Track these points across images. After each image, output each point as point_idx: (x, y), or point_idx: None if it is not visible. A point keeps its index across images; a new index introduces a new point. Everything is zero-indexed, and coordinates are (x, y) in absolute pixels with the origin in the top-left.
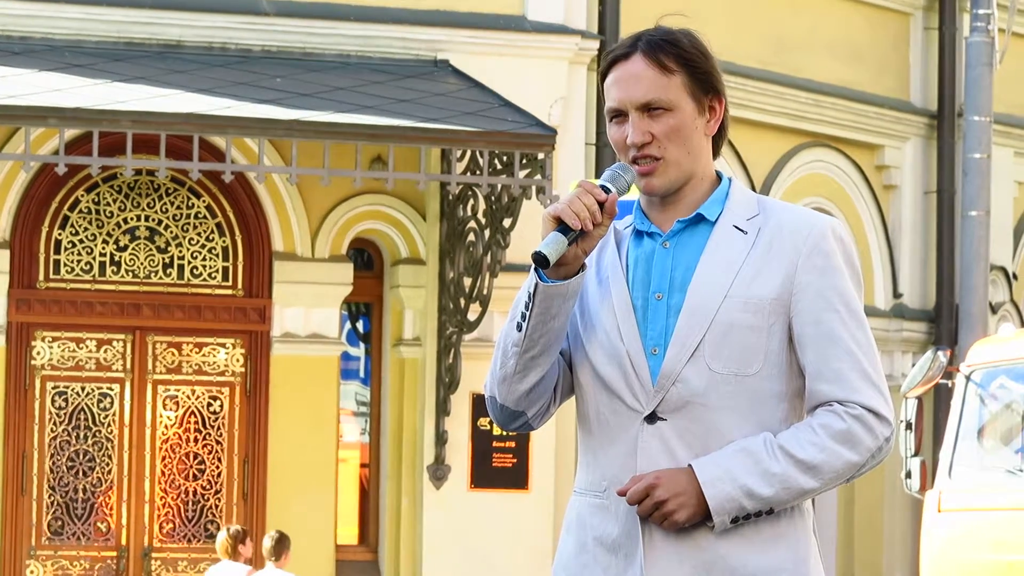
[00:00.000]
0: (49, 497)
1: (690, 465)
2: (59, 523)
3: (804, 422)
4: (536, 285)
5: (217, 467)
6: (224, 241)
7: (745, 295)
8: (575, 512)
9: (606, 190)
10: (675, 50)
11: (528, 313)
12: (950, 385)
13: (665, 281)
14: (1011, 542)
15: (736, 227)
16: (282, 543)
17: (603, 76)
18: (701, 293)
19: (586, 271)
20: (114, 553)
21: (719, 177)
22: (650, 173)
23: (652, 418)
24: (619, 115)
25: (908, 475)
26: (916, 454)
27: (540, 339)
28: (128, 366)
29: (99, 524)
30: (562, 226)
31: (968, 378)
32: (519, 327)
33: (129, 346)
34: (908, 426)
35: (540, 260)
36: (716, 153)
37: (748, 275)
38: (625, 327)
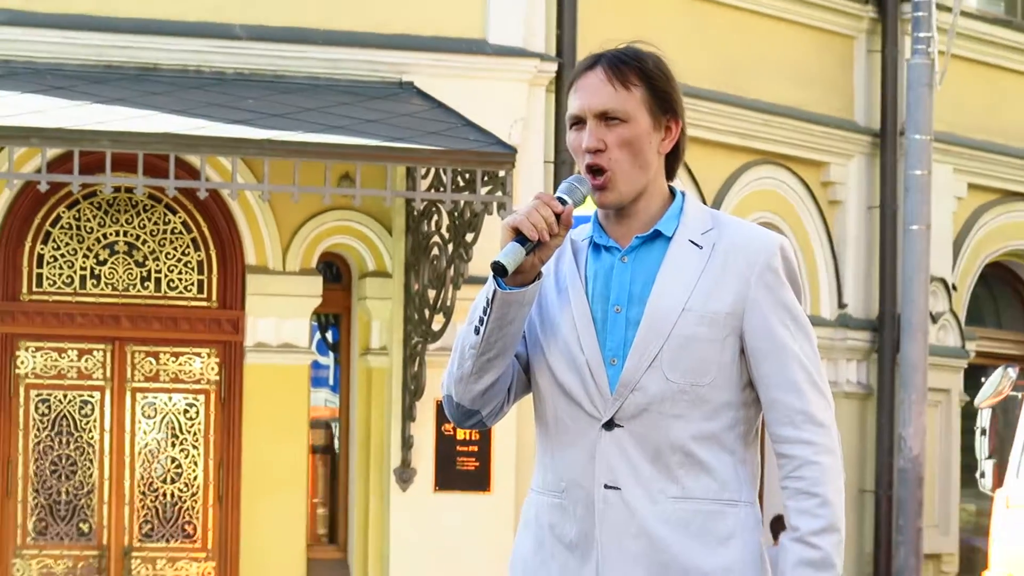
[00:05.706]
0: (33, 499)
1: None
2: (43, 524)
3: (791, 491)
4: (495, 292)
5: (193, 471)
6: (199, 255)
7: (702, 309)
8: (533, 510)
9: (562, 202)
10: (638, 66)
11: (486, 318)
12: (1020, 397)
13: (624, 295)
14: None
15: (692, 242)
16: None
17: (570, 86)
18: (660, 307)
19: (542, 279)
20: (96, 552)
21: (672, 192)
22: (603, 188)
23: (610, 425)
24: (579, 122)
25: (982, 475)
26: (990, 456)
27: (496, 343)
28: (108, 375)
29: (81, 525)
30: (520, 236)
31: None
32: (477, 331)
33: (109, 356)
34: (983, 432)
35: (499, 269)
36: (672, 174)
37: (704, 289)
38: (585, 338)
